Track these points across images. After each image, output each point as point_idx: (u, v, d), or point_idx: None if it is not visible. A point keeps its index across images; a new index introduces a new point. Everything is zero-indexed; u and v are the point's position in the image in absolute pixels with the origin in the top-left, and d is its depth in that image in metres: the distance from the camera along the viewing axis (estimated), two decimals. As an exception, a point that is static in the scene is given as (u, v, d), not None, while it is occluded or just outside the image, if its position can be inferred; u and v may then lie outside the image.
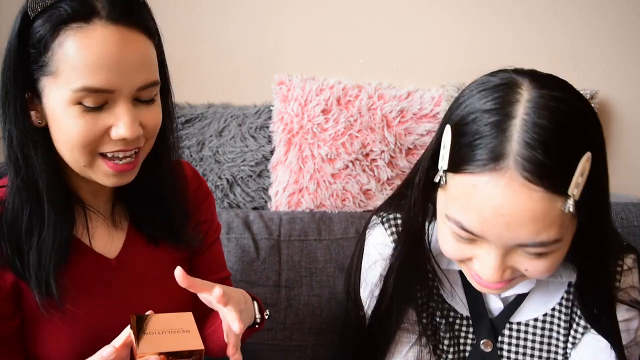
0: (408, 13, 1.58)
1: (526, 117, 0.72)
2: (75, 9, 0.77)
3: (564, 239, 0.75)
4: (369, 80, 1.54)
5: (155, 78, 0.83)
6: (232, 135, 1.53)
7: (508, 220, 0.72)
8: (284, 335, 1.36)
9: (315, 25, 1.61)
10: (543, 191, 0.70)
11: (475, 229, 0.75)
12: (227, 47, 1.63)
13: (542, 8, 1.57)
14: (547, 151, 0.70)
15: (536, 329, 0.97)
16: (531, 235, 0.72)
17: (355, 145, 1.47)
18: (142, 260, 0.96)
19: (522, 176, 0.70)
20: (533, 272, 0.78)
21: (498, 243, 0.75)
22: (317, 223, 1.43)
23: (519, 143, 0.71)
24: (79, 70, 0.76)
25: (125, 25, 0.78)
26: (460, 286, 0.99)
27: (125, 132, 0.80)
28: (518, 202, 0.71)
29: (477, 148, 0.73)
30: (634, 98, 1.61)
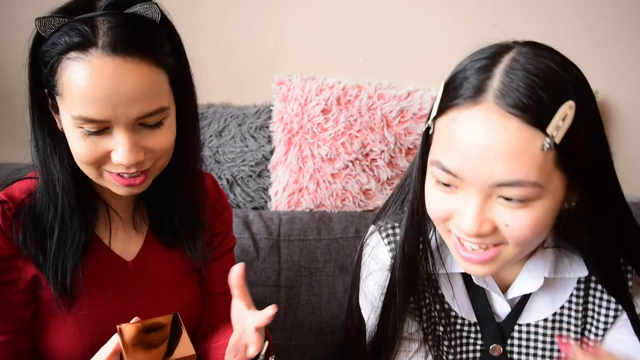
0: (408, 13, 1.58)
1: (511, 62, 0.74)
2: (75, 39, 0.76)
3: (545, 188, 0.73)
4: (369, 80, 1.55)
5: (157, 107, 0.81)
6: (232, 135, 1.53)
7: (484, 152, 0.72)
8: (284, 335, 1.36)
9: (315, 25, 1.62)
10: (520, 122, 0.71)
11: (452, 166, 0.75)
12: (227, 47, 1.63)
13: (542, 8, 1.57)
14: (527, 88, 0.71)
15: (546, 329, 0.94)
16: (507, 171, 0.71)
17: (355, 145, 1.47)
18: (158, 264, 0.97)
19: (500, 107, 0.71)
20: (514, 228, 0.75)
21: (476, 184, 0.74)
22: (316, 223, 1.43)
23: (501, 80, 0.73)
24: (76, 99, 0.77)
25: (123, 55, 0.76)
26: (464, 291, 0.97)
27: (122, 159, 0.80)
28: (494, 132, 0.71)
29: (461, 87, 0.75)
30: (634, 98, 1.61)
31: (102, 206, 0.93)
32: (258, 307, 1.34)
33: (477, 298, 0.95)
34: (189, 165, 0.95)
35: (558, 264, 0.90)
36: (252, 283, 1.36)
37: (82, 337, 0.90)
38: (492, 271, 0.81)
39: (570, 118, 0.72)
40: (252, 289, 1.35)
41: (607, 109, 1.61)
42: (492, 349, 0.96)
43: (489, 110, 0.72)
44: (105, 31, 0.77)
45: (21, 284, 0.87)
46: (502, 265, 0.80)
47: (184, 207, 0.96)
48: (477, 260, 0.79)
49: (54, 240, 0.86)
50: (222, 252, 1.06)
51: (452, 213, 0.79)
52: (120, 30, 0.77)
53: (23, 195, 0.88)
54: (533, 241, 0.78)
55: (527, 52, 0.76)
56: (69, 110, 0.78)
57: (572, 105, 0.72)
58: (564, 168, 0.74)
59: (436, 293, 0.95)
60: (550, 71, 0.74)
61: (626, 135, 1.63)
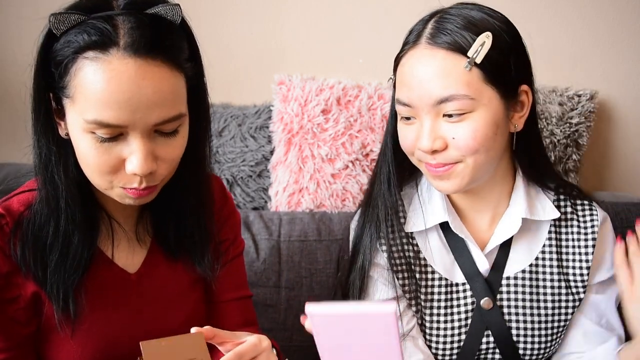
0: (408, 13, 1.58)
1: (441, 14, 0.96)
2: (94, 37, 0.72)
3: (477, 100, 0.91)
4: (369, 80, 1.54)
5: (176, 113, 0.78)
6: (232, 135, 1.53)
7: (420, 78, 0.92)
8: (284, 336, 1.36)
9: (315, 25, 1.61)
10: (445, 51, 0.91)
11: (405, 97, 0.94)
12: (227, 47, 1.63)
13: (542, 8, 1.57)
14: (450, 28, 0.92)
15: (525, 280, 1.03)
16: (440, 88, 0.91)
17: (355, 145, 1.47)
18: (161, 276, 0.95)
19: (429, 44, 0.93)
20: (459, 139, 0.92)
21: (423, 107, 0.92)
22: (317, 223, 1.43)
23: (431, 27, 0.94)
24: (91, 102, 0.73)
25: (145, 57, 0.73)
26: (445, 250, 1.04)
27: (137, 169, 0.76)
28: (425, 62, 0.92)
29: (405, 40, 0.99)
30: (634, 98, 1.61)
31: (104, 217, 0.89)
32: (258, 309, 1.35)
33: (459, 256, 1.03)
34: (200, 173, 0.92)
35: (532, 208, 1.03)
36: (253, 284, 1.36)
37: (85, 352, 0.87)
38: (456, 186, 0.96)
39: (489, 44, 0.91)
40: (252, 289, 1.35)
41: (607, 109, 1.61)
42: (483, 303, 1.02)
43: (422, 48, 0.94)
44: (127, 31, 0.73)
45: (21, 301, 0.85)
46: (463, 180, 0.95)
47: (193, 216, 0.93)
48: (442, 173, 0.95)
49: (55, 256, 0.82)
50: (230, 259, 1.03)
51: (415, 142, 0.95)
52: (143, 31, 0.73)
53: (22, 207, 0.84)
54: (480, 153, 0.93)
55: (456, 7, 0.97)
56: (82, 114, 0.74)
57: (489, 34, 0.91)
58: (492, 83, 0.92)
59: (417, 255, 1.03)
60: (470, 14, 0.94)
61: (626, 135, 1.63)
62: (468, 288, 1.03)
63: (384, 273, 1.04)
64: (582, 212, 1.06)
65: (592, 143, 1.57)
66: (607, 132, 1.63)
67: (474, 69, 0.90)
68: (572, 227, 1.05)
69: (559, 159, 1.48)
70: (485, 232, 1.05)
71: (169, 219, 0.93)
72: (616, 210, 1.42)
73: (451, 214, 1.02)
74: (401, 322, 1.03)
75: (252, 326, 1.05)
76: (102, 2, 0.76)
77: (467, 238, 1.02)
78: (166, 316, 0.94)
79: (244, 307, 1.05)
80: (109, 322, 0.89)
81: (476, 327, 1.03)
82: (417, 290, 1.03)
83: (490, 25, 0.93)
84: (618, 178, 1.66)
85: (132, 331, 0.90)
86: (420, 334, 1.03)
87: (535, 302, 1.03)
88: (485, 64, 0.91)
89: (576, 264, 1.04)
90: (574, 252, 1.04)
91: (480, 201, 1.04)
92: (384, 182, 1.05)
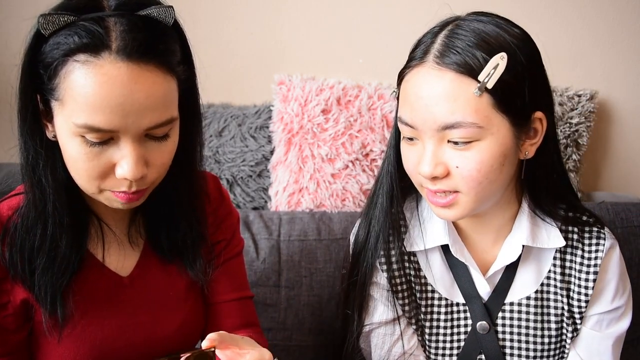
0: (408, 13, 1.58)
1: (452, 28, 0.88)
2: (85, 40, 0.70)
3: (486, 129, 0.84)
4: (369, 80, 1.54)
5: (168, 117, 0.76)
6: (232, 135, 1.53)
7: (426, 101, 0.85)
8: (284, 335, 1.36)
9: (315, 26, 1.61)
10: (454, 73, 0.84)
11: (408, 118, 0.88)
12: (227, 47, 1.63)
13: (542, 8, 1.57)
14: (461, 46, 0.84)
15: (531, 307, 0.99)
16: (446, 114, 0.83)
17: (355, 145, 1.47)
18: (155, 280, 0.93)
19: (437, 64, 0.85)
20: (462, 168, 0.86)
21: (426, 130, 0.86)
22: (317, 223, 1.43)
23: (440, 43, 0.86)
24: (81, 106, 0.71)
25: (138, 62, 0.71)
26: (446, 270, 1.01)
27: (128, 173, 0.75)
28: (432, 83, 0.85)
29: (414, 54, 0.90)
30: (634, 98, 1.61)
31: (94, 221, 0.88)
32: (258, 308, 1.35)
33: (459, 277, 1.00)
34: (191, 175, 0.90)
35: (536, 234, 0.97)
36: (253, 284, 1.36)
37: (78, 357, 0.86)
38: (458, 215, 0.90)
39: (503, 67, 0.83)
40: (252, 289, 1.35)
41: (607, 109, 1.61)
42: (480, 327, 1.00)
43: (429, 67, 0.86)
44: (119, 34, 0.71)
45: (10, 308, 0.83)
46: (464, 210, 0.89)
47: (185, 221, 0.91)
48: (442, 204, 0.89)
49: (43, 259, 0.80)
50: (227, 259, 1.01)
51: (416, 166, 0.90)
52: (135, 35, 0.71)
53: (10, 212, 0.83)
54: (484, 185, 0.87)
55: (468, 18, 0.89)
56: (71, 118, 0.72)
57: (504, 55, 0.83)
58: (503, 111, 0.84)
59: (417, 274, 1.00)
60: (485, 30, 0.86)
61: (626, 135, 1.63)
62: (468, 309, 1.00)
63: (384, 293, 1.01)
64: (589, 240, 0.99)
65: (592, 143, 1.57)
66: (607, 132, 1.63)
67: (485, 94, 0.83)
68: (576, 257, 0.99)
69: (559, 159, 1.48)
70: (488, 254, 1.01)
71: (161, 222, 0.91)
72: (616, 210, 1.42)
73: (452, 237, 0.98)
74: (402, 341, 1.00)
75: (253, 327, 1.03)
76: (92, 2, 0.73)
77: (468, 262, 0.98)
78: (161, 320, 0.93)
79: (244, 308, 1.03)
80: (102, 327, 0.88)
81: (469, 349, 1.00)
82: (417, 308, 1.01)
83: (506, 44, 0.85)
84: (618, 178, 1.66)
85: (127, 336, 0.89)
86: (421, 350, 1.01)
87: (539, 330, 0.99)
88: (497, 89, 0.83)
89: (579, 296, 0.98)
90: (577, 283, 0.98)
91: (483, 225, 1.00)
92: (386, 197, 1.00)
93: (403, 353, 1.00)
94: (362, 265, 1.02)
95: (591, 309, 0.99)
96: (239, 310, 1.02)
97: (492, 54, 0.83)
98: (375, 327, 1.02)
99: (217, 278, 1.00)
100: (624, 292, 1.00)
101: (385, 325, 1.01)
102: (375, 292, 1.02)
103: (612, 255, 0.99)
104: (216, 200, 1.00)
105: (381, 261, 1.00)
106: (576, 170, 1.51)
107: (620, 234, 1.38)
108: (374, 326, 1.02)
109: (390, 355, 1.00)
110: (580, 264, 0.98)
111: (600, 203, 1.44)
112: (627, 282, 1.01)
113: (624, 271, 1.01)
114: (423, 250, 1.00)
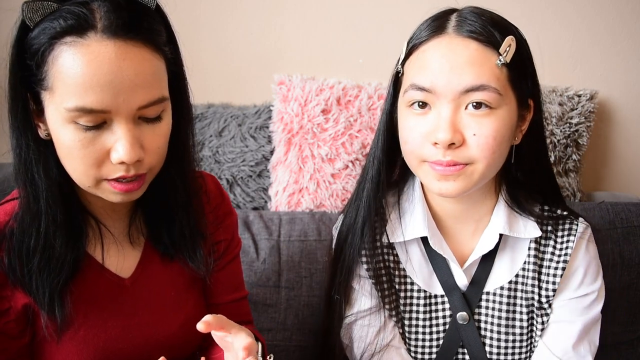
0: (408, 13, 1.58)
1: (460, 12, 0.92)
2: (70, 22, 0.71)
3: (504, 97, 0.88)
4: (369, 80, 1.54)
5: (160, 95, 0.77)
6: (232, 135, 1.53)
7: (452, 63, 0.87)
8: (284, 335, 1.36)
9: (315, 26, 1.61)
10: (477, 43, 0.88)
11: (427, 81, 0.89)
12: (227, 47, 1.63)
13: (542, 8, 1.57)
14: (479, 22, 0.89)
15: (503, 297, 1.01)
16: (473, 77, 0.87)
17: (355, 145, 1.47)
18: (157, 279, 0.93)
19: (459, 34, 0.89)
20: (480, 135, 0.87)
21: (447, 94, 0.88)
22: (317, 223, 1.43)
23: (456, 20, 0.91)
24: (71, 88, 0.71)
25: (124, 39, 0.72)
26: (424, 263, 1.02)
27: (124, 156, 0.74)
28: (459, 50, 0.88)
29: (423, 31, 0.93)
30: (634, 98, 1.61)
31: (91, 222, 0.87)
32: (258, 309, 1.35)
33: (438, 269, 1.02)
34: (184, 167, 0.90)
35: (512, 224, 0.99)
36: (252, 284, 1.36)
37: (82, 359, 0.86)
38: (461, 188, 0.90)
39: (514, 47, 0.89)
40: (252, 289, 1.35)
41: (607, 109, 1.61)
42: (460, 317, 1.01)
43: (450, 37, 0.90)
44: (104, 14, 0.72)
45: (12, 314, 0.83)
46: (469, 183, 0.90)
47: (182, 213, 0.91)
48: (451, 172, 0.89)
49: (37, 258, 0.80)
50: (227, 261, 1.01)
51: (428, 135, 0.90)
52: (120, 14, 0.72)
53: (7, 217, 0.83)
54: (496, 156, 0.90)
55: (471, 7, 0.94)
56: (62, 103, 0.72)
57: (514, 39, 0.90)
58: (515, 87, 0.90)
59: (396, 266, 1.02)
60: (493, 16, 0.92)
61: (626, 135, 1.63)
62: (446, 301, 1.02)
63: (365, 284, 1.02)
64: (562, 230, 1.01)
65: (592, 143, 1.57)
66: (607, 132, 1.63)
67: (503, 67, 0.88)
68: (548, 247, 1.01)
69: (559, 159, 1.48)
70: (466, 245, 1.02)
71: (161, 218, 0.91)
72: (616, 210, 1.42)
73: (431, 229, 1.00)
74: (385, 332, 1.02)
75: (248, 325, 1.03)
76: None
77: (446, 255, 0.99)
78: (164, 320, 0.93)
79: (240, 308, 1.05)
80: (104, 329, 0.87)
81: (450, 340, 1.02)
82: (397, 300, 1.02)
83: (512, 30, 0.92)
84: (618, 178, 1.66)
85: (130, 337, 0.89)
86: (402, 342, 1.03)
87: (511, 321, 1.01)
88: (513, 65, 0.89)
89: (547, 285, 1.00)
90: (547, 272, 1.00)
91: (463, 213, 1.01)
92: (373, 183, 1.01)
93: (385, 345, 1.01)
94: (346, 257, 1.03)
95: (558, 296, 1.00)
96: (235, 311, 1.03)
97: (505, 34, 0.89)
98: (357, 319, 1.03)
99: (218, 280, 1.00)
100: (593, 280, 1.01)
101: (366, 316, 1.02)
102: (356, 283, 1.03)
103: (581, 244, 1.01)
104: (216, 199, 1.00)
105: (363, 252, 1.02)
106: (576, 170, 1.50)
107: (620, 234, 1.38)
108: (354, 317, 1.03)
109: (371, 347, 1.01)
110: (552, 253, 1.00)
111: (600, 203, 1.44)
112: (599, 271, 1.02)
113: (595, 259, 1.02)
114: (402, 242, 1.02)
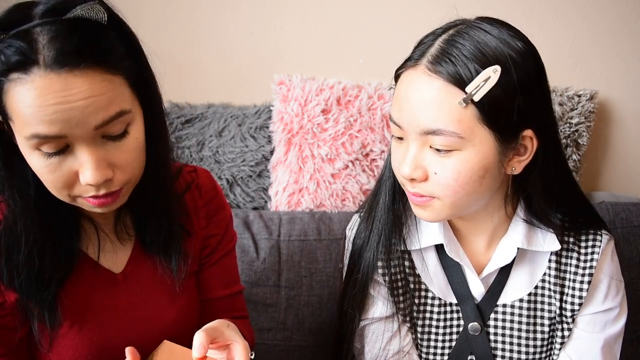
0: (408, 13, 1.58)
1: (453, 33, 0.87)
2: (14, 59, 0.68)
3: (467, 140, 0.83)
4: (369, 80, 1.54)
5: (118, 110, 0.73)
6: (232, 136, 1.53)
7: (414, 104, 0.85)
8: (284, 335, 1.36)
9: (315, 26, 1.61)
10: (443, 81, 0.83)
11: (396, 117, 0.88)
12: (227, 47, 1.63)
13: (542, 8, 1.57)
14: (454, 55, 0.83)
15: (523, 309, 0.99)
16: (429, 120, 0.83)
17: (355, 145, 1.47)
18: (148, 273, 0.93)
19: (429, 69, 0.84)
20: (440, 176, 0.86)
21: (411, 132, 0.86)
22: (317, 223, 1.43)
23: (436, 48, 0.86)
24: (24, 120, 0.70)
25: (70, 69, 0.69)
26: (440, 270, 1.01)
27: (90, 179, 0.73)
28: (421, 88, 0.85)
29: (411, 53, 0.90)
30: (634, 98, 1.61)
31: (84, 221, 0.88)
32: (258, 308, 1.35)
33: (453, 277, 1.00)
34: (158, 173, 0.87)
35: (531, 237, 0.97)
36: (252, 283, 1.36)
37: (76, 355, 0.87)
38: (432, 218, 0.91)
39: (494, 80, 0.81)
40: (252, 289, 1.35)
41: (607, 109, 1.61)
42: (471, 327, 1.00)
43: (421, 71, 0.85)
44: (46, 44, 0.68)
45: (7, 307, 0.84)
46: (439, 215, 0.90)
47: (158, 217, 0.90)
48: (418, 202, 0.90)
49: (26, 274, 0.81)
50: (220, 255, 1.02)
51: (400, 163, 0.90)
52: (63, 41, 0.68)
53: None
54: (460, 195, 0.87)
55: (474, 25, 0.88)
56: (21, 132, 0.71)
57: (497, 69, 0.82)
58: (488, 125, 0.83)
59: (412, 272, 1.01)
60: (485, 40, 0.84)
61: (626, 135, 1.63)
62: (460, 310, 1.01)
63: (382, 291, 1.02)
64: (585, 242, 0.98)
65: (592, 143, 1.57)
66: (607, 132, 1.63)
67: (471, 106, 0.82)
68: (572, 259, 0.98)
69: (559, 159, 1.48)
70: (483, 255, 1.01)
71: (144, 217, 0.91)
72: (616, 210, 1.42)
73: (447, 237, 0.98)
74: (398, 338, 1.01)
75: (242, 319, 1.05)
76: (20, 14, 0.71)
77: (463, 262, 0.98)
78: (157, 314, 0.93)
79: (235, 303, 1.05)
80: (98, 325, 0.88)
81: (460, 349, 1.01)
82: (411, 306, 1.02)
83: (503, 58, 0.83)
84: (618, 178, 1.66)
85: (124, 332, 0.90)
86: (414, 348, 1.02)
87: (532, 333, 0.99)
88: (484, 103, 0.81)
89: (573, 298, 0.98)
90: (572, 285, 0.98)
91: (475, 227, 1.00)
92: (389, 194, 1.00)
93: (397, 351, 1.01)
94: (363, 264, 1.02)
95: (583, 310, 0.99)
96: (229, 306, 1.04)
97: (486, 67, 0.82)
98: (370, 323, 1.03)
99: (211, 274, 1.01)
100: (617, 293, 0.99)
101: (380, 321, 1.02)
102: (373, 290, 1.02)
103: (606, 256, 0.99)
104: (208, 192, 0.99)
105: (382, 258, 1.00)
106: (576, 170, 1.51)
107: (620, 234, 1.38)
108: (369, 322, 1.03)
109: (384, 353, 1.01)
110: (576, 266, 0.98)
111: (600, 203, 1.44)
112: (621, 284, 1.01)
113: (618, 272, 1.00)
114: (419, 249, 1.00)
